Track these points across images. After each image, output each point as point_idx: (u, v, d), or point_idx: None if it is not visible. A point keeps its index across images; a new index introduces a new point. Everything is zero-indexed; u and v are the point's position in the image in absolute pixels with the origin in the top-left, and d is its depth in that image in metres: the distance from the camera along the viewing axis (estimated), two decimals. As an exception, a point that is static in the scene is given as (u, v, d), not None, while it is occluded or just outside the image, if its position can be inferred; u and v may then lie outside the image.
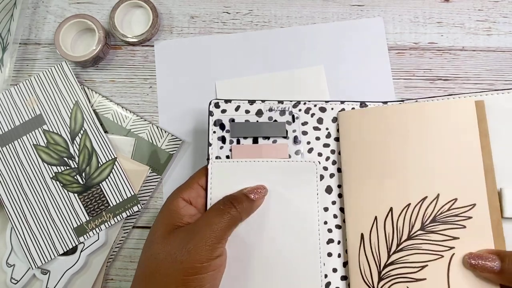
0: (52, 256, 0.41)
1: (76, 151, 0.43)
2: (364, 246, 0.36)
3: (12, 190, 0.42)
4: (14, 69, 0.47)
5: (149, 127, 0.45)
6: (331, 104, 0.40)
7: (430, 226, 0.34)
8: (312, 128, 0.39)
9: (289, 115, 0.39)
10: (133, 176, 0.43)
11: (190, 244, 0.31)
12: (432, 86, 0.46)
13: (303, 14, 0.48)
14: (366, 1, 0.48)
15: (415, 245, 0.34)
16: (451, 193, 0.34)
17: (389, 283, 0.34)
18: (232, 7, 0.48)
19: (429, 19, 0.48)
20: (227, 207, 0.33)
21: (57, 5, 0.49)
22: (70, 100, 0.44)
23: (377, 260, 0.35)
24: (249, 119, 0.39)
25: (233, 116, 0.39)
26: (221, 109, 0.39)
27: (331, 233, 0.38)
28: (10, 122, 0.43)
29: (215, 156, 0.38)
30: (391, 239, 0.35)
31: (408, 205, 0.35)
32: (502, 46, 0.47)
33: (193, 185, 0.36)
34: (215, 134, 0.39)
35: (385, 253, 0.35)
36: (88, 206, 0.42)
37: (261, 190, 0.36)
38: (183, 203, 0.35)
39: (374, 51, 0.47)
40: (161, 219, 0.35)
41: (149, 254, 0.33)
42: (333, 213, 0.38)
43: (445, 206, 0.34)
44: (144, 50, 0.47)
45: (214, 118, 0.39)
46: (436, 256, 0.34)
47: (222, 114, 0.39)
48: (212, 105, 0.39)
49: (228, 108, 0.39)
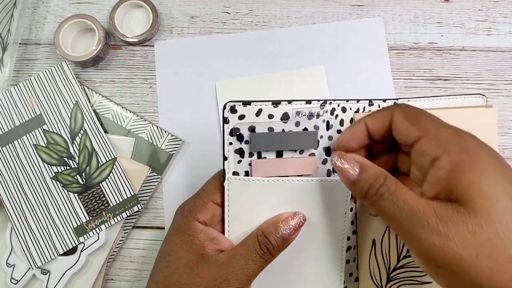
0: (52, 256, 0.41)
1: (76, 151, 0.43)
2: (375, 250, 0.36)
3: (12, 190, 0.42)
4: (14, 69, 0.47)
5: (149, 127, 0.45)
6: (350, 103, 0.35)
7: None
8: (336, 131, 0.34)
9: (323, 123, 0.33)
10: (133, 176, 0.43)
11: (223, 285, 0.30)
12: (432, 86, 0.46)
13: (303, 14, 0.48)
14: (366, 1, 0.48)
15: None
16: None
17: (396, 284, 0.35)
18: (232, 7, 0.48)
19: (429, 19, 0.48)
20: (263, 253, 0.31)
21: (57, 5, 0.49)
22: (70, 100, 0.44)
23: (387, 264, 0.35)
24: (273, 126, 0.32)
25: (253, 123, 0.32)
26: (238, 115, 0.31)
27: (349, 241, 0.37)
28: (10, 122, 0.43)
29: (232, 172, 0.32)
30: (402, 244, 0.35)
31: None
32: (502, 46, 0.47)
33: (207, 205, 0.32)
34: (231, 146, 0.32)
35: (395, 258, 0.35)
36: (88, 206, 0.42)
37: (299, 223, 0.32)
38: (200, 227, 0.32)
39: (374, 51, 0.47)
40: (181, 244, 0.32)
41: (174, 281, 0.31)
42: (351, 219, 0.37)
43: None
44: (144, 50, 0.47)
45: (230, 126, 0.31)
46: None
47: (240, 121, 0.31)
48: (227, 109, 0.31)
49: (247, 112, 0.31)
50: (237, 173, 0.32)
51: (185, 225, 0.32)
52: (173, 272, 0.32)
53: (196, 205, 0.33)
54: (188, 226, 0.32)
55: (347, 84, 0.46)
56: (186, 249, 0.32)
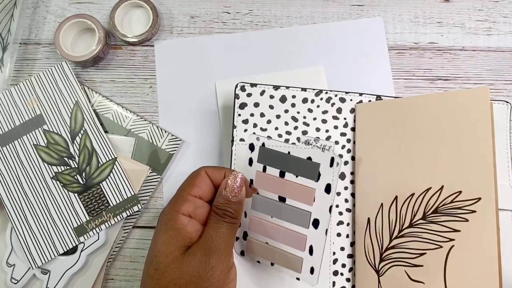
0: (52, 256, 0.41)
1: (76, 151, 0.43)
2: (369, 229, 0.38)
3: (12, 190, 0.42)
4: (14, 69, 0.47)
5: (149, 127, 0.45)
6: (350, 95, 0.41)
7: (431, 216, 0.35)
8: (331, 117, 0.41)
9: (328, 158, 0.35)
10: (133, 176, 0.43)
11: (212, 260, 0.32)
12: (432, 86, 0.46)
13: (303, 14, 0.48)
14: (366, 1, 0.48)
15: (416, 233, 0.35)
16: (456, 186, 0.34)
17: (388, 264, 0.36)
18: (232, 7, 0.48)
19: (429, 19, 0.48)
20: (228, 220, 0.34)
21: (57, 5, 0.49)
22: (70, 100, 0.44)
23: (380, 243, 0.37)
24: (273, 104, 0.40)
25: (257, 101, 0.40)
26: (246, 93, 0.40)
27: (341, 216, 0.40)
28: (10, 122, 0.43)
29: (239, 139, 0.40)
30: (393, 225, 0.37)
31: (412, 194, 0.36)
32: (502, 46, 0.47)
33: (187, 197, 0.35)
34: (240, 117, 0.40)
35: (387, 237, 0.37)
36: (88, 206, 0.42)
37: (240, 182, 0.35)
38: (186, 219, 0.34)
39: (374, 51, 0.47)
40: (168, 240, 0.33)
41: (167, 281, 0.31)
42: (345, 197, 0.40)
43: (448, 198, 0.34)
44: (144, 50, 0.47)
45: (239, 101, 0.40)
46: (435, 246, 0.34)
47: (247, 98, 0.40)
48: (238, 88, 0.40)
49: (253, 92, 0.40)
50: (243, 139, 0.40)
51: (172, 220, 0.33)
52: (164, 271, 0.32)
53: (177, 201, 0.35)
54: (174, 221, 0.33)
55: (347, 84, 0.46)
56: (172, 245, 0.33)
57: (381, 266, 0.37)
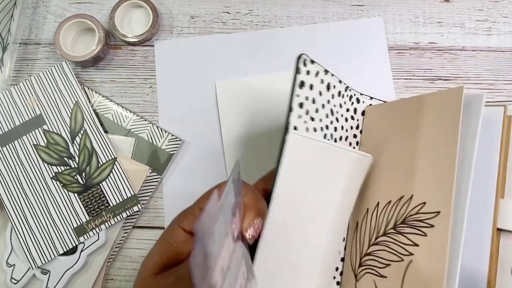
0: (52, 256, 0.41)
1: (76, 151, 0.43)
2: (356, 233, 0.37)
3: (12, 190, 0.42)
4: (14, 69, 0.47)
5: (149, 127, 0.45)
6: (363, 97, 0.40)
7: (400, 227, 0.33)
8: (350, 117, 0.39)
9: None
10: (133, 176, 0.43)
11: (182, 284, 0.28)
12: (432, 86, 0.46)
13: (303, 14, 0.48)
14: (366, 1, 0.48)
15: (386, 242, 0.33)
16: (423, 196, 0.31)
17: (364, 271, 0.35)
18: (232, 7, 0.48)
19: (429, 19, 0.48)
20: None
21: (57, 5, 0.49)
22: (70, 100, 0.44)
23: (361, 248, 0.36)
24: (322, 90, 0.35)
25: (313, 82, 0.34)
26: (306, 69, 0.33)
27: None
28: (10, 122, 0.43)
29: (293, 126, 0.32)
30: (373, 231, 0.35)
31: (389, 202, 0.34)
32: (502, 46, 0.47)
33: (195, 211, 0.31)
34: (298, 98, 0.33)
35: (367, 243, 0.35)
36: (88, 206, 0.42)
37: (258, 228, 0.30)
38: (183, 235, 0.30)
39: (374, 51, 0.47)
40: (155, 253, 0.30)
41: None
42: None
43: (414, 209, 0.32)
44: (144, 50, 0.47)
45: (299, 78, 0.33)
46: (398, 258, 0.32)
47: (306, 76, 0.33)
48: (301, 60, 0.33)
49: (311, 69, 0.34)
50: (296, 127, 0.33)
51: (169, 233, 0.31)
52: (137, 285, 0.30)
53: (184, 213, 0.32)
54: (171, 234, 0.31)
55: (347, 84, 0.46)
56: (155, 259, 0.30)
57: (359, 271, 0.35)
